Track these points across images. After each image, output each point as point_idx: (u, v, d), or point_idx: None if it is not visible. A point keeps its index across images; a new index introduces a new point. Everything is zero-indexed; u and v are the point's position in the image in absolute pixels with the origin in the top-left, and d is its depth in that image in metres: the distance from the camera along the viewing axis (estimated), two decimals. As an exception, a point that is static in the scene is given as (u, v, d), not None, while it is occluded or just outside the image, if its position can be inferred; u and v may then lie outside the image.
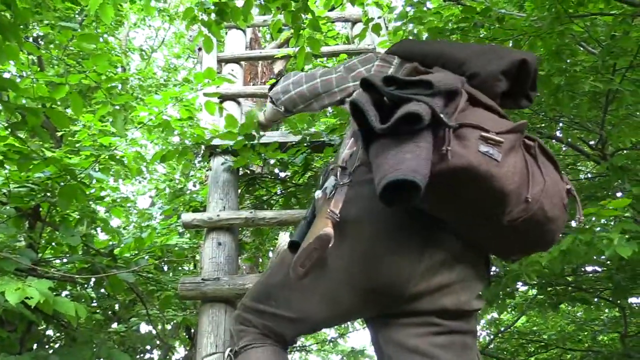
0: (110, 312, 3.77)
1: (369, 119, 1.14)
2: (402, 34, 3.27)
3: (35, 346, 3.11)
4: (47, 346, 3.32)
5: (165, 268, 4.04)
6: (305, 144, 2.90)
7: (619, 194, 3.31)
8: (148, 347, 4.31)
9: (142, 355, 4.26)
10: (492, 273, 3.53)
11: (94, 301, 3.53)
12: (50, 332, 3.44)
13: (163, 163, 3.44)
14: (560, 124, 3.28)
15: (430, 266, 1.28)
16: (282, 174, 3.47)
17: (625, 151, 3.07)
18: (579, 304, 3.49)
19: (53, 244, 3.05)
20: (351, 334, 8.32)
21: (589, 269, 3.62)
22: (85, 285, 3.22)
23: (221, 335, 2.10)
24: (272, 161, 3.18)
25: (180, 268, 4.40)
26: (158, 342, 4.35)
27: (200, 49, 4.51)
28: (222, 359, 1.58)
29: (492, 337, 5.43)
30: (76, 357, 2.62)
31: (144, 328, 4.32)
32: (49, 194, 2.57)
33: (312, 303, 1.37)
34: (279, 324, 1.44)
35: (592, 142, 3.37)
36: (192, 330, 4.75)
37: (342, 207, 1.28)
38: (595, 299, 3.74)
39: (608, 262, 3.26)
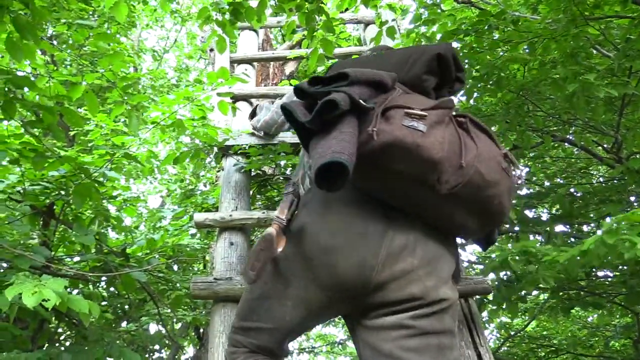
0: (120, 311, 3.79)
1: (295, 115, 1.26)
2: (415, 37, 3.27)
3: (46, 344, 3.13)
4: (58, 344, 3.34)
5: (175, 268, 4.05)
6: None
7: (632, 198, 3.28)
8: (157, 347, 4.32)
9: (151, 354, 4.28)
10: (503, 278, 3.51)
11: (105, 300, 3.55)
12: (61, 330, 3.46)
13: (175, 165, 3.46)
14: (573, 128, 3.26)
15: (391, 252, 1.30)
16: (294, 175, 3.47)
17: (640, 155, 3.04)
18: (591, 308, 3.44)
19: (66, 242, 3.07)
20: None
21: (601, 274, 3.59)
22: (97, 284, 3.24)
23: (233, 335, 2.09)
24: (283, 162, 3.18)
25: (190, 268, 4.42)
26: (167, 342, 4.36)
27: (212, 50, 4.53)
28: None
29: (502, 341, 5.39)
30: (87, 355, 2.63)
31: (153, 328, 4.34)
32: (63, 192, 2.59)
33: (287, 308, 1.40)
34: (263, 338, 1.46)
35: (606, 146, 3.34)
36: (201, 330, 4.76)
37: (300, 211, 1.39)
38: (608, 304, 3.70)
39: (620, 267, 3.23)
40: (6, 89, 2.14)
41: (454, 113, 1.35)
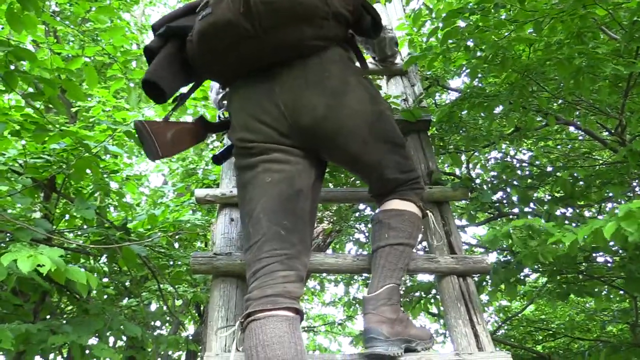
0: (122, 286, 3.82)
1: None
2: (420, 15, 3.22)
3: (48, 317, 3.16)
4: (60, 318, 3.38)
5: (177, 245, 4.07)
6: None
7: (634, 183, 3.27)
8: (158, 323, 4.37)
9: (152, 331, 4.32)
10: (501, 259, 3.52)
11: (106, 276, 3.58)
12: (63, 305, 3.50)
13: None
14: (577, 113, 3.23)
15: (288, 96, 1.61)
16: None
17: (644, 138, 3.01)
18: (589, 294, 3.45)
19: (67, 216, 3.09)
20: (359, 317, 8.37)
21: (601, 259, 3.58)
22: (99, 259, 3.26)
23: (232, 309, 2.10)
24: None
25: (191, 246, 4.44)
26: (168, 318, 4.41)
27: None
28: (236, 332, 1.62)
29: (500, 323, 5.43)
30: (88, 327, 2.66)
31: (154, 306, 4.38)
32: (64, 165, 2.59)
33: (259, 188, 1.64)
34: (266, 243, 1.58)
35: (611, 131, 3.31)
36: (202, 308, 4.80)
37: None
38: (606, 289, 3.71)
39: (621, 251, 3.23)
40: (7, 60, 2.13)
41: None
